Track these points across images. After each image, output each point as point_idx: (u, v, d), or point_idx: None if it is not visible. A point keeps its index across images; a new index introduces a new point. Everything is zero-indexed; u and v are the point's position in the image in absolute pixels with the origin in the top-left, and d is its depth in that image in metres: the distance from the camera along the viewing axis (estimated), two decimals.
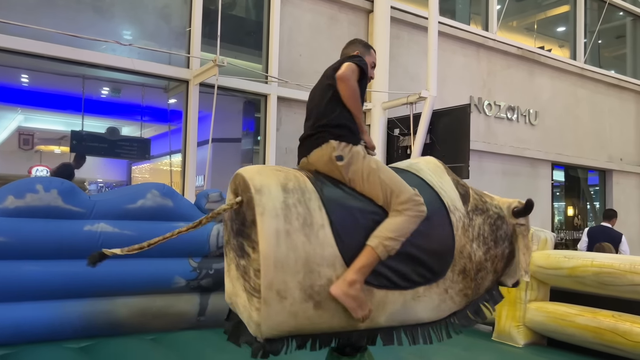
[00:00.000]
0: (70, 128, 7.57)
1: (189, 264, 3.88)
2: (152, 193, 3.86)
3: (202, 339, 3.59)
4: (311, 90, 2.56)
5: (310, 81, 7.06)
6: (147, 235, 3.73)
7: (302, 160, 2.40)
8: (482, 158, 8.87)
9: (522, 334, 3.96)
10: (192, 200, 4.42)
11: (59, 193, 3.52)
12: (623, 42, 12.65)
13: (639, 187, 11.97)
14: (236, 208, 2.11)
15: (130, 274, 3.67)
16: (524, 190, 9.68)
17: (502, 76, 9.54)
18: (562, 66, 10.46)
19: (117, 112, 9.53)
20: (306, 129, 2.44)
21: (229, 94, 6.87)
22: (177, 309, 3.80)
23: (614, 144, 11.45)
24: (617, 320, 3.44)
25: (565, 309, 3.78)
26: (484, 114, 9.16)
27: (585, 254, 3.80)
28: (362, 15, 7.87)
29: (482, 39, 9.20)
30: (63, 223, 3.50)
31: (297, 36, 7.27)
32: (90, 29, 5.85)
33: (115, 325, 3.57)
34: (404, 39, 8.23)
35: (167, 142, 8.11)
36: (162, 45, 6.42)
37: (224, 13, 6.18)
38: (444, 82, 8.33)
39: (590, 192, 12.05)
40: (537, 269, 3.92)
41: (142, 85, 7.85)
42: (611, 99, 11.47)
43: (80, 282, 3.50)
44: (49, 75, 7.50)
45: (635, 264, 3.36)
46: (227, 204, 2.14)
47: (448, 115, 7.01)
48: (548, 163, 10.18)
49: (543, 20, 11.45)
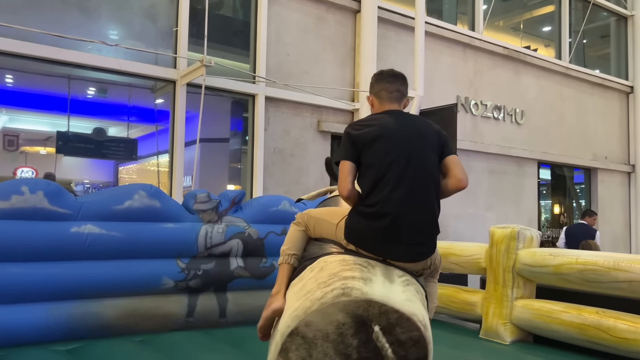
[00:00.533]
0: (56, 129, 7.51)
1: (177, 264, 3.87)
2: (139, 194, 3.84)
3: (191, 340, 3.58)
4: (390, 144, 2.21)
5: (298, 81, 7.12)
6: (134, 237, 3.74)
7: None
8: (469, 157, 8.94)
9: (509, 331, 4.00)
10: (180, 201, 4.40)
11: (45, 194, 3.49)
12: (607, 41, 12.82)
13: (623, 185, 12.13)
14: (376, 339, 1.88)
15: (118, 275, 3.65)
16: (510, 189, 9.78)
17: (489, 76, 9.62)
18: (548, 66, 10.57)
19: (104, 113, 9.47)
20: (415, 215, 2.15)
21: (217, 94, 6.85)
22: (165, 310, 3.79)
23: (599, 142, 11.60)
24: (602, 316, 3.49)
25: (550, 306, 3.82)
26: (471, 114, 9.23)
27: (570, 252, 3.85)
28: (349, 15, 7.89)
29: (469, 38, 9.28)
30: (49, 225, 3.48)
31: (285, 36, 7.28)
32: (76, 29, 5.81)
33: (103, 327, 3.55)
34: (391, 39, 8.27)
35: (154, 143, 8.07)
36: (149, 45, 6.39)
37: (211, 13, 6.16)
38: (431, 81, 8.39)
39: (576, 190, 12.20)
40: (523, 267, 3.97)
41: (128, 86, 7.81)
42: (596, 98, 11.62)
43: (67, 284, 3.47)
44: (34, 76, 7.44)
45: (619, 261, 3.41)
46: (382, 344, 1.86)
47: (435, 115, 7.06)
48: (534, 162, 10.29)
49: (529, 20, 11.57)
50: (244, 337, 3.70)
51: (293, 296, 2.08)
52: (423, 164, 2.21)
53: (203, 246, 3.96)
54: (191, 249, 3.93)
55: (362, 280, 1.95)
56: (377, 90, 2.45)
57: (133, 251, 3.74)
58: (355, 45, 7.90)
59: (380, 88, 2.45)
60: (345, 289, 1.91)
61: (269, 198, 4.50)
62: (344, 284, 1.92)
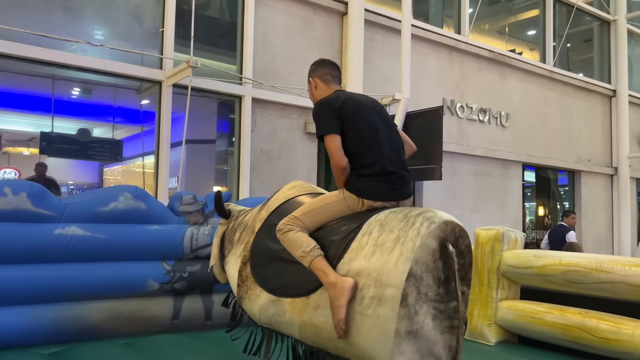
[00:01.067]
0: (39, 129, 7.42)
1: (163, 267, 3.85)
2: (124, 196, 3.81)
3: (176, 343, 3.56)
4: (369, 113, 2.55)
5: (285, 82, 7.11)
6: (119, 239, 3.71)
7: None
8: (455, 159, 9.01)
9: (494, 332, 4.04)
10: (166, 202, 4.38)
11: (28, 196, 3.46)
12: (590, 45, 12.99)
13: (606, 187, 12.30)
14: (452, 256, 2.12)
15: (103, 278, 3.62)
16: (495, 191, 9.86)
17: (474, 79, 9.70)
18: (532, 69, 10.68)
19: (88, 113, 9.37)
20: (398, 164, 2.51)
21: (203, 95, 6.82)
22: (150, 313, 3.77)
23: (582, 145, 11.75)
24: (584, 317, 3.54)
25: (534, 307, 3.87)
26: (457, 116, 9.29)
27: (554, 253, 3.90)
28: (336, 17, 7.91)
29: (455, 41, 9.34)
30: (33, 227, 3.44)
31: (272, 37, 7.27)
32: (61, 29, 5.75)
33: (87, 330, 3.52)
34: (378, 42, 8.30)
35: (139, 144, 8.01)
36: (135, 45, 6.34)
37: (198, 13, 6.14)
38: (417, 84, 8.43)
39: (560, 192, 12.34)
40: (507, 268, 4.01)
41: (114, 86, 7.75)
42: (579, 102, 11.77)
43: (50, 286, 3.44)
44: (17, 76, 7.34)
45: (601, 263, 3.46)
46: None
47: (421, 117, 7.10)
48: (519, 164, 10.38)
49: (514, 24, 11.68)
50: (230, 340, 3.68)
51: (370, 262, 2.14)
52: (395, 130, 2.64)
53: (189, 248, 3.94)
54: (177, 251, 3.91)
55: (425, 211, 2.20)
56: (321, 74, 2.74)
57: (118, 253, 3.71)
58: (342, 47, 7.92)
59: (325, 72, 2.74)
60: (429, 219, 2.12)
61: (256, 200, 4.49)
62: (424, 217, 2.14)
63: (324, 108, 2.50)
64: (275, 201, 2.80)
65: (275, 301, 2.48)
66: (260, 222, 2.76)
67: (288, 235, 2.36)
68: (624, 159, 12.18)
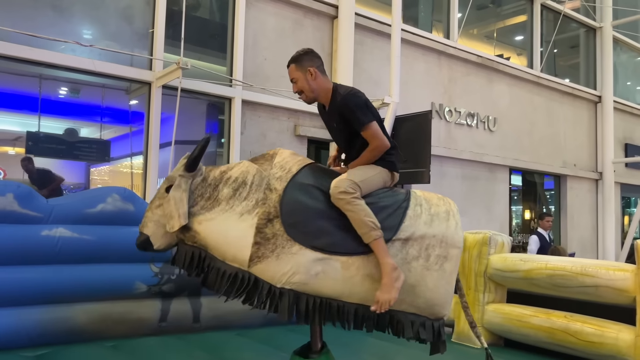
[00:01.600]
0: (25, 129, 7.33)
1: (151, 269, 3.83)
2: (112, 197, 3.80)
3: (164, 345, 3.55)
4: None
5: (275, 85, 7.12)
6: (107, 241, 3.69)
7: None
8: (443, 163, 9.07)
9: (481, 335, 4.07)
10: None
11: (14, 197, 3.43)
12: (577, 52, 13.17)
13: (591, 192, 12.46)
14: None
15: (90, 280, 3.59)
16: (482, 194, 9.94)
17: (462, 83, 9.78)
18: (520, 74, 10.80)
19: (76, 113, 9.27)
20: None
21: (193, 96, 6.81)
22: (138, 315, 3.75)
23: (568, 150, 11.89)
24: (569, 320, 3.58)
25: (520, 310, 3.91)
26: (445, 120, 9.36)
27: (540, 257, 3.95)
28: (326, 20, 7.94)
29: (444, 46, 9.42)
30: (19, 228, 3.41)
31: (262, 40, 7.27)
32: (49, 28, 5.70)
33: (74, 332, 3.49)
34: (368, 45, 8.34)
35: (128, 144, 7.95)
36: (124, 46, 6.31)
37: (188, 15, 6.13)
38: (406, 88, 8.49)
39: (546, 196, 12.47)
40: (494, 272, 4.05)
41: (102, 86, 7.69)
42: (565, 107, 11.91)
43: (37, 288, 3.41)
44: (3, 75, 7.25)
45: (586, 267, 3.51)
46: None
47: (410, 121, 7.14)
48: (506, 168, 10.49)
49: (502, 29, 11.81)
50: (218, 342, 3.68)
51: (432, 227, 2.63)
52: None
53: None
54: (165, 253, 3.89)
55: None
56: (318, 64, 2.75)
57: (105, 255, 3.69)
58: (332, 50, 7.95)
59: (320, 64, 2.77)
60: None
61: None
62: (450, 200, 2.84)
63: (364, 98, 2.69)
64: (289, 162, 2.70)
65: (323, 259, 2.46)
66: (279, 180, 2.62)
67: (357, 202, 2.49)
68: (608, 164, 12.35)
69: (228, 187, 2.65)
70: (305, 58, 2.75)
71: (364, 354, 3.57)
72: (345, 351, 2.93)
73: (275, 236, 2.48)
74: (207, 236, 2.58)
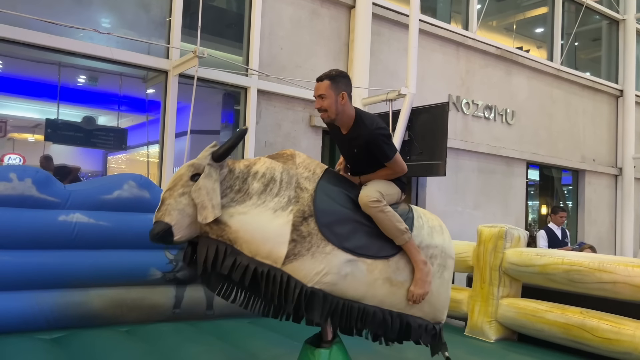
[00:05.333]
0: (45, 116, 7.42)
1: (165, 256, 3.86)
2: (129, 184, 3.83)
3: (177, 332, 3.58)
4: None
5: (291, 75, 7.10)
6: (123, 227, 3.72)
7: None
8: (459, 156, 8.99)
9: (494, 329, 4.05)
10: None
11: (33, 182, 3.47)
12: (599, 44, 12.92)
13: (610, 187, 12.26)
14: None
15: (105, 265, 3.64)
16: (499, 188, 9.84)
17: (480, 75, 9.66)
18: (539, 67, 10.63)
19: (94, 101, 9.36)
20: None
21: (209, 85, 6.82)
22: (152, 301, 3.79)
23: (587, 144, 11.71)
24: (585, 316, 3.54)
25: (535, 305, 3.87)
26: (462, 112, 9.27)
27: (557, 252, 3.90)
28: (343, 10, 7.88)
29: (462, 37, 9.30)
30: (37, 213, 3.45)
31: (278, 29, 7.25)
32: (68, 16, 5.74)
33: (88, 316, 3.54)
34: (385, 36, 8.27)
35: (144, 133, 8.01)
36: (142, 34, 6.33)
37: (205, 4, 6.12)
38: (423, 79, 8.41)
39: (564, 192, 12.31)
40: (509, 266, 4.01)
41: (120, 75, 7.74)
42: (585, 101, 11.71)
43: (53, 272, 3.46)
44: (23, 62, 7.34)
45: (604, 263, 3.46)
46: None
47: (427, 113, 7.07)
48: (523, 162, 10.36)
49: (522, 21, 11.62)
50: (230, 330, 3.70)
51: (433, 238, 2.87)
52: None
53: None
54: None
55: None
56: (349, 91, 2.79)
57: (121, 241, 3.73)
58: (349, 40, 7.89)
59: (351, 90, 2.81)
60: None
61: None
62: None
63: (388, 131, 2.86)
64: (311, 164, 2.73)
65: (352, 261, 2.53)
66: (308, 180, 2.63)
67: (388, 209, 2.67)
68: (629, 159, 12.13)
69: (258, 182, 2.59)
70: (343, 81, 2.76)
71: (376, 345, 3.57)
72: (357, 340, 2.93)
73: (311, 235, 2.49)
74: (239, 230, 2.45)
